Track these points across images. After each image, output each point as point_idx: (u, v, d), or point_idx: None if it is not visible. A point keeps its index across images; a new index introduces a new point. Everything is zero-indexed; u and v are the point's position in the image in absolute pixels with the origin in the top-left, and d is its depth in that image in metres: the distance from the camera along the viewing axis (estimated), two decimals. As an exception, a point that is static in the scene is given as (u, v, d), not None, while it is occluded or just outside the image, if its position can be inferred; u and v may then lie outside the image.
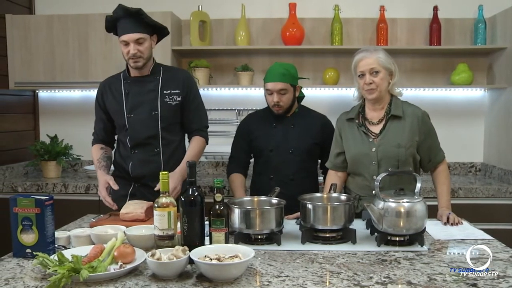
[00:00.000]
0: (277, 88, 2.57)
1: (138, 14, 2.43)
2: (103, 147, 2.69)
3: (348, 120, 2.42)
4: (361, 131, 2.36)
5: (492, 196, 3.28)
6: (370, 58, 2.29)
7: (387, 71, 2.30)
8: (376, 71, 2.27)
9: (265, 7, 3.88)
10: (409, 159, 2.32)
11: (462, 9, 3.77)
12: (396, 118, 2.32)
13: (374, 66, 2.27)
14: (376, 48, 2.39)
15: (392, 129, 2.32)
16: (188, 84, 2.63)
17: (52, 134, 3.84)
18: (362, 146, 2.34)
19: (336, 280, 1.54)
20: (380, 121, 2.36)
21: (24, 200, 1.76)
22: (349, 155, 2.39)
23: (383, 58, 2.29)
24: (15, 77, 3.67)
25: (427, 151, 2.37)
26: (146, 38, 2.46)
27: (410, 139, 2.30)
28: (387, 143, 2.30)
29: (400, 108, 2.35)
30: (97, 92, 2.66)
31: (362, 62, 2.30)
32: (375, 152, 2.30)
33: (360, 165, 2.35)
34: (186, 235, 1.74)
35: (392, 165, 2.27)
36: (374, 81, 2.28)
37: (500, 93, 3.62)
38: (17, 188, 3.44)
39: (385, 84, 2.30)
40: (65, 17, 3.64)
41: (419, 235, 1.91)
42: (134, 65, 2.48)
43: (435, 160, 2.41)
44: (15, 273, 1.62)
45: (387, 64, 2.29)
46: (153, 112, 2.53)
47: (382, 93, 2.32)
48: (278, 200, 2.05)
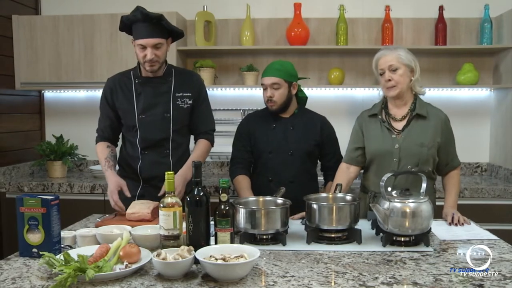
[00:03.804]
0: (270, 82, 2.58)
1: (159, 20, 2.39)
2: (109, 145, 2.63)
3: (371, 116, 2.43)
4: (384, 127, 2.36)
5: (498, 197, 3.26)
6: (390, 55, 2.30)
7: (408, 68, 2.30)
8: (395, 68, 2.28)
9: (270, 7, 3.88)
10: (430, 159, 2.33)
11: (468, 9, 3.76)
12: (421, 117, 2.34)
13: (393, 63, 2.28)
14: (396, 46, 2.40)
15: (416, 128, 2.33)
16: (200, 87, 2.63)
17: (58, 134, 3.85)
18: (385, 142, 2.34)
19: (341, 281, 1.54)
20: (403, 118, 2.36)
21: (30, 200, 1.76)
22: (371, 151, 2.39)
23: (403, 55, 2.30)
24: (21, 78, 3.69)
25: (446, 154, 2.39)
26: (163, 43, 2.44)
27: (432, 140, 2.32)
28: (411, 141, 2.31)
29: (425, 108, 2.37)
30: (105, 89, 2.60)
31: (382, 60, 2.32)
32: (397, 149, 2.31)
33: (381, 161, 2.35)
34: (191, 235, 1.74)
35: (412, 164, 2.29)
36: (393, 77, 2.28)
37: (506, 93, 3.60)
38: (23, 187, 3.46)
39: (406, 80, 2.31)
40: (70, 17, 3.65)
41: (424, 236, 1.91)
42: (150, 69, 2.45)
43: (452, 164, 2.43)
44: (21, 272, 1.63)
45: (407, 61, 2.29)
46: (166, 114, 2.52)
47: (403, 90, 2.32)
48: (283, 200, 2.05)
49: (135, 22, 2.40)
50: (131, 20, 2.41)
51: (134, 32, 2.43)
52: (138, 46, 2.41)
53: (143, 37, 2.39)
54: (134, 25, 2.41)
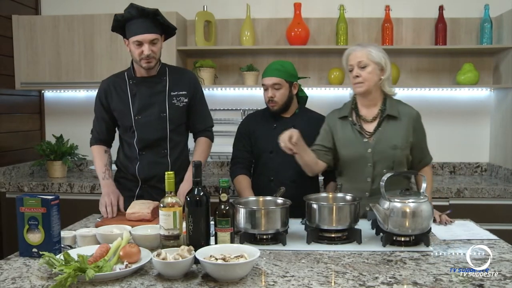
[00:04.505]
0: (271, 83, 2.58)
1: (155, 15, 2.38)
2: (107, 150, 2.64)
3: (341, 118, 2.37)
4: (355, 130, 2.31)
5: (498, 197, 3.26)
6: (360, 51, 2.26)
7: (377, 66, 2.25)
8: (364, 65, 2.24)
9: (270, 7, 3.88)
10: (404, 160, 2.30)
11: (468, 9, 3.76)
12: (392, 118, 2.29)
13: (363, 59, 2.24)
14: (369, 43, 2.34)
15: (388, 130, 2.28)
16: (195, 85, 2.63)
17: (58, 134, 3.85)
18: (357, 147, 2.29)
19: (341, 280, 1.54)
20: (374, 119, 2.32)
21: (30, 200, 1.76)
22: (343, 156, 2.34)
23: (374, 52, 2.25)
24: (21, 78, 3.69)
25: (420, 151, 2.36)
26: (159, 39, 2.44)
27: (406, 141, 2.28)
28: (383, 144, 2.26)
29: (396, 108, 2.32)
30: (99, 91, 2.58)
31: (351, 56, 2.28)
32: (371, 154, 2.27)
33: (355, 166, 2.31)
34: (191, 235, 1.74)
35: (387, 167, 2.26)
36: (361, 74, 2.24)
37: (506, 93, 3.60)
38: (23, 187, 3.46)
39: (374, 78, 2.26)
40: (71, 17, 3.65)
41: (424, 236, 1.91)
42: (147, 66, 2.44)
43: (425, 161, 2.41)
44: (21, 272, 1.63)
45: (377, 58, 2.24)
46: (162, 114, 2.52)
47: (371, 88, 2.27)
48: (283, 200, 2.05)
49: (130, 19, 2.38)
50: (126, 17, 2.39)
51: (129, 30, 2.40)
52: (134, 43, 2.39)
53: (139, 33, 2.37)
54: (129, 23, 2.39)
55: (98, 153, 2.61)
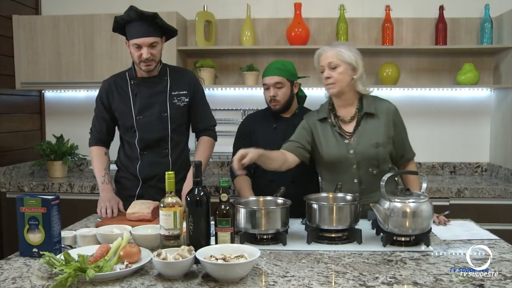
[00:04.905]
0: (273, 82, 2.58)
1: (154, 18, 2.38)
2: (106, 152, 2.64)
3: (320, 120, 2.33)
4: (335, 132, 2.28)
5: (498, 197, 3.26)
6: (330, 52, 2.21)
7: (349, 66, 2.20)
8: (334, 66, 2.19)
9: (270, 7, 3.88)
10: (388, 157, 2.28)
11: (468, 9, 3.76)
12: (370, 115, 2.26)
13: (333, 60, 2.19)
14: (340, 43, 2.27)
15: (368, 128, 2.25)
16: (195, 84, 2.64)
17: (58, 134, 3.85)
18: (338, 149, 2.26)
19: (342, 280, 1.54)
20: (352, 119, 2.28)
21: (31, 200, 1.76)
22: (326, 159, 2.30)
23: (344, 52, 2.19)
24: (21, 78, 3.69)
25: (401, 146, 2.32)
26: (159, 42, 2.44)
27: (387, 136, 2.25)
28: (365, 144, 2.23)
29: (373, 104, 2.28)
30: (100, 91, 2.59)
31: (322, 57, 2.23)
32: (353, 155, 2.24)
33: (339, 168, 2.28)
34: (191, 235, 1.74)
35: (373, 166, 2.24)
36: (332, 75, 2.20)
37: (506, 93, 3.60)
38: (23, 187, 3.46)
39: (346, 79, 2.20)
40: (71, 17, 3.65)
41: (425, 236, 1.91)
42: (146, 69, 2.45)
43: (407, 156, 2.36)
44: (22, 272, 1.63)
45: (348, 58, 2.19)
46: (163, 114, 2.52)
47: (343, 89, 2.23)
48: (283, 200, 2.05)
49: (129, 21, 2.39)
50: (125, 20, 2.39)
51: (129, 32, 2.41)
52: (133, 45, 2.40)
53: (138, 36, 2.37)
54: (128, 25, 2.40)
55: (98, 155, 2.61)
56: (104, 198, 2.44)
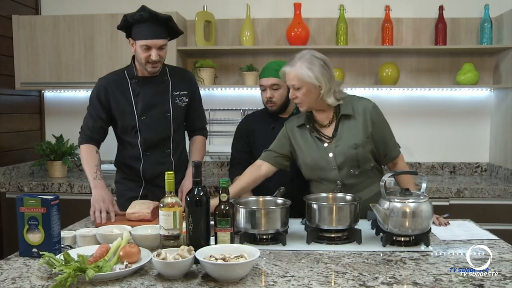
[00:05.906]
0: (269, 83, 2.58)
1: (168, 21, 2.36)
2: (97, 150, 2.53)
3: (299, 126, 2.32)
4: (314, 137, 2.27)
5: (498, 197, 3.26)
6: (291, 73, 2.16)
7: (311, 85, 2.14)
8: (297, 88, 2.16)
9: (270, 7, 3.89)
10: (368, 155, 2.25)
11: (468, 9, 3.76)
12: (347, 117, 2.24)
13: (294, 83, 2.16)
14: (302, 57, 2.17)
15: (346, 130, 2.23)
16: (195, 85, 2.66)
17: (58, 134, 3.85)
18: (318, 153, 2.25)
19: (341, 280, 1.54)
20: (330, 122, 2.27)
21: (30, 200, 1.76)
22: (307, 164, 2.29)
23: (303, 73, 2.12)
24: (21, 78, 3.70)
25: (382, 144, 2.27)
26: (167, 43, 2.42)
27: (365, 136, 2.22)
28: (343, 146, 2.22)
29: (350, 105, 2.25)
30: (98, 89, 2.50)
31: (286, 77, 2.20)
32: (333, 157, 2.23)
33: (321, 172, 2.28)
34: (191, 235, 1.74)
35: (354, 167, 2.23)
36: (297, 96, 2.18)
37: (506, 93, 3.60)
38: (23, 187, 3.46)
39: (312, 97, 2.17)
40: (71, 17, 3.65)
41: (424, 236, 1.91)
42: (152, 70, 2.42)
43: (391, 155, 2.31)
44: (21, 272, 1.63)
45: (307, 79, 2.12)
46: (166, 114, 2.52)
47: (312, 105, 2.20)
48: (283, 200, 2.05)
49: (139, 21, 2.33)
50: (136, 19, 2.33)
51: (137, 32, 2.35)
52: (142, 46, 2.34)
53: (149, 37, 2.33)
54: (137, 25, 2.34)
55: (88, 152, 2.48)
56: (97, 197, 2.32)
